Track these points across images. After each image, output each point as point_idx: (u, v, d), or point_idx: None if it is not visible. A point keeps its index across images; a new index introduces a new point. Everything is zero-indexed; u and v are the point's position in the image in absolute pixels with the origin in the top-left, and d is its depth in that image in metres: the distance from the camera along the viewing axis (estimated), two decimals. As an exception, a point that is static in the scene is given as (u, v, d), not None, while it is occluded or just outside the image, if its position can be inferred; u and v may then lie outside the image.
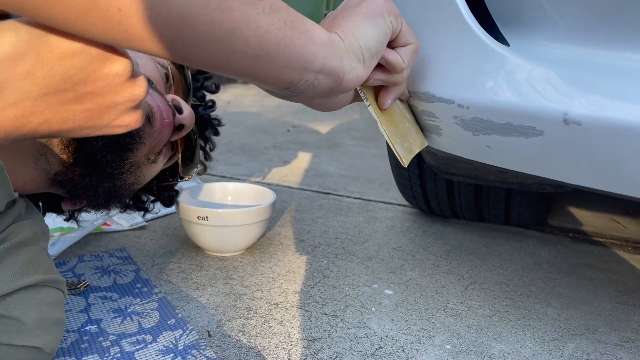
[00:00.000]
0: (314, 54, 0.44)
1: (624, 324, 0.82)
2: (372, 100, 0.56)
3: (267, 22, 0.40)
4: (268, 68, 0.42)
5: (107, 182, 0.66)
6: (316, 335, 0.74)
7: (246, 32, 0.39)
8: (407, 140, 0.62)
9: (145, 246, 1.01)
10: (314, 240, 1.09)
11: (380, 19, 0.49)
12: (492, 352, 0.72)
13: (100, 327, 0.71)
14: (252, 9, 0.39)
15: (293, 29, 0.42)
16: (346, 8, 0.51)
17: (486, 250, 1.09)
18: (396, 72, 0.53)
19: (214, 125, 0.95)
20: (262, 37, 0.40)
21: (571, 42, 0.55)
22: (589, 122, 0.44)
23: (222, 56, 0.40)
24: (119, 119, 0.43)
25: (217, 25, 0.37)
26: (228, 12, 0.37)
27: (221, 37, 0.38)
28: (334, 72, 0.46)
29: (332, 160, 1.88)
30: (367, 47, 0.48)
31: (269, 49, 0.40)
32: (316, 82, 0.46)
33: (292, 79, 0.44)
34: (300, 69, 0.43)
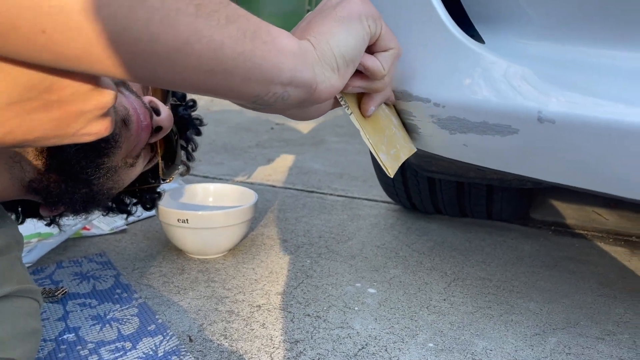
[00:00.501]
0: (280, 65, 0.40)
1: (605, 316, 0.83)
2: (354, 107, 0.53)
3: (222, 35, 0.36)
4: (227, 83, 0.39)
5: (84, 187, 0.64)
6: (299, 337, 0.73)
7: (197, 47, 0.35)
8: (394, 146, 0.58)
9: (126, 250, 1.00)
10: (297, 240, 1.09)
11: (357, 24, 0.46)
12: (475, 349, 0.72)
13: (78, 335, 0.70)
14: (204, 21, 0.35)
15: (255, 40, 0.38)
16: (322, 11, 0.48)
17: (469, 246, 1.09)
18: (376, 78, 0.50)
19: (196, 125, 0.94)
20: (217, 51, 0.36)
21: (547, 39, 0.55)
22: (563, 120, 0.44)
23: (173, 74, 0.36)
24: (87, 128, 0.42)
25: (162, 42, 0.34)
26: (174, 27, 0.34)
27: (168, 55, 0.34)
28: (305, 83, 0.43)
29: (316, 157, 1.88)
30: (342, 54, 0.45)
31: (226, 63, 0.37)
32: (285, 95, 0.43)
33: (257, 92, 0.41)
34: (265, 82, 0.40)
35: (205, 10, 0.35)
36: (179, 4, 0.34)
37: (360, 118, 0.53)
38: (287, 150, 1.99)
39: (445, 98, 0.54)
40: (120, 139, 0.65)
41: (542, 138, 0.46)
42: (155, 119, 0.72)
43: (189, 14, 0.34)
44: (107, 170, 0.65)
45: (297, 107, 0.47)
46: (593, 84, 0.47)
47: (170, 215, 0.92)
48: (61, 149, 0.59)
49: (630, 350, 0.73)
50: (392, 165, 0.57)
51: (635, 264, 1.04)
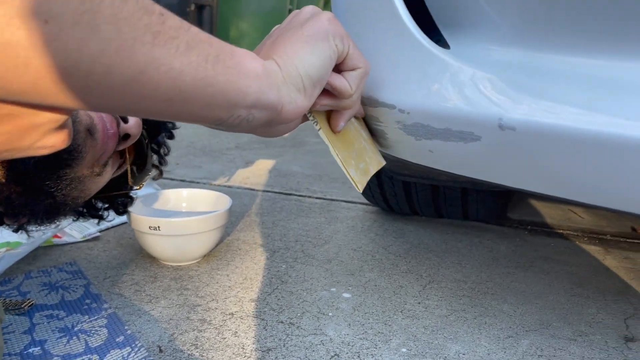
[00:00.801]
0: (244, 89, 0.40)
1: (578, 317, 0.83)
2: (323, 123, 0.52)
3: (181, 63, 0.35)
4: (187, 109, 0.38)
5: (47, 199, 0.63)
6: (271, 345, 0.72)
7: (155, 76, 0.34)
8: (364, 160, 0.58)
9: (98, 258, 0.98)
10: (274, 245, 1.08)
11: (323, 43, 0.45)
12: (448, 353, 0.72)
13: (44, 349, 0.68)
14: (162, 49, 0.34)
15: (217, 65, 0.37)
16: (288, 29, 0.47)
17: (445, 247, 1.09)
18: (344, 97, 0.49)
19: (168, 129, 0.93)
20: (176, 79, 0.35)
21: (511, 45, 0.55)
22: (523, 127, 0.44)
23: (130, 104, 0.35)
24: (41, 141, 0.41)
25: (117, 74, 0.32)
26: (130, 58, 0.32)
27: (124, 86, 0.33)
28: (270, 105, 0.42)
29: (296, 159, 1.87)
30: (308, 75, 0.44)
31: (186, 91, 0.36)
32: (250, 117, 0.42)
33: (220, 116, 0.40)
34: (227, 106, 0.39)
35: (163, 38, 0.34)
36: (135, 33, 0.33)
37: (329, 133, 0.53)
38: (266, 152, 1.98)
39: (410, 104, 0.53)
40: (85, 149, 0.64)
41: (504, 145, 0.46)
42: (122, 126, 0.71)
43: (146, 42, 0.33)
44: (71, 180, 0.63)
45: (262, 127, 0.46)
46: (555, 91, 0.46)
47: (142, 222, 0.91)
48: (20, 160, 0.57)
49: (601, 351, 0.74)
50: (360, 179, 0.56)
51: (609, 262, 1.05)
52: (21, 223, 0.69)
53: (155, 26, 0.33)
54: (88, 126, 0.64)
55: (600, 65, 0.48)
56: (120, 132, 0.70)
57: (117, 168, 0.78)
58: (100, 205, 0.86)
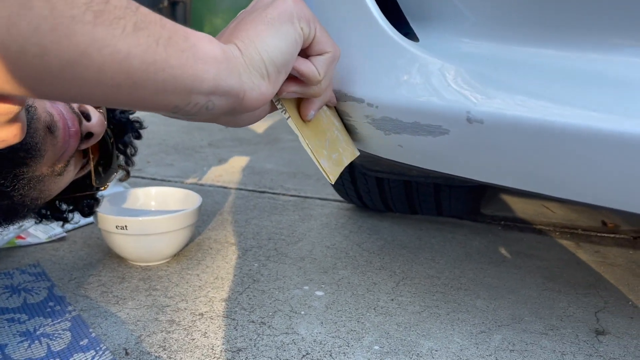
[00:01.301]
0: (201, 74, 0.37)
1: (549, 311, 0.84)
2: (292, 111, 0.50)
3: (128, 44, 0.33)
4: (138, 95, 0.35)
5: (3, 199, 0.60)
6: (241, 346, 0.71)
7: (98, 59, 0.32)
8: (337, 150, 0.56)
9: (63, 259, 0.95)
10: (246, 243, 1.06)
11: (288, 26, 0.43)
12: (421, 350, 0.72)
13: (4, 353, 0.65)
14: (106, 30, 0.32)
15: (169, 48, 0.35)
16: (252, 11, 0.45)
17: (419, 244, 1.09)
18: (312, 84, 0.48)
19: (135, 129, 0.90)
20: (122, 62, 0.33)
21: (480, 37, 0.54)
22: (491, 120, 0.43)
23: (73, 89, 0.33)
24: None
25: (53, 55, 0.30)
26: (67, 37, 0.30)
27: (62, 69, 0.31)
28: (231, 91, 0.40)
29: (270, 156, 1.85)
30: (272, 60, 0.42)
31: (134, 76, 0.34)
32: (210, 105, 0.40)
33: (175, 103, 0.38)
34: (183, 92, 0.37)
35: (107, 17, 0.32)
36: (73, 11, 0.30)
37: (299, 122, 0.51)
38: (240, 149, 1.96)
39: (378, 98, 0.52)
40: (44, 147, 0.61)
41: (472, 138, 0.46)
42: (85, 124, 0.68)
43: (86, 22, 0.31)
44: (29, 180, 0.61)
45: (225, 115, 0.44)
46: (522, 84, 0.46)
47: (109, 221, 0.88)
48: None
49: (572, 345, 0.74)
50: (333, 170, 0.54)
51: (580, 256, 1.06)
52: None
53: (97, 5, 0.31)
54: (48, 124, 0.62)
55: (568, 58, 0.48)
56: (82, 130, 0.68)
57: (81, 168, 0.75)
58: (65, 207, 0.83)
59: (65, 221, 0.84)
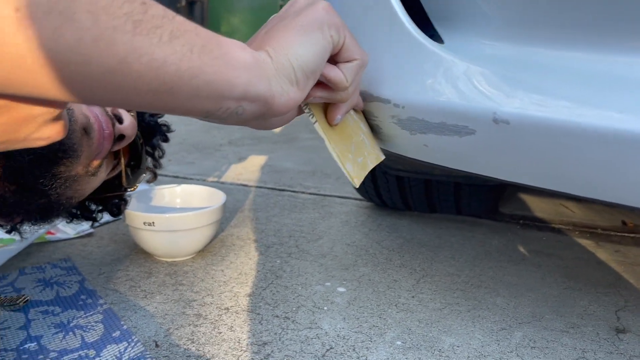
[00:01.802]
0: (232, 80, 0.39)
1: (570, 309, 0.84)
2: (319, 116, 0.51)
3: (164, 52, 0.34)
4: (173, 101, 0.37)
5: (41, 198, 0.63)
6: (266, 339, 0.73)
7: (136, 66, 0.33)
8: (362, 154, 0.56)
9: (92, 254, 0.98)
10: (268, 240, 1.08)
11: (318, 34, 0.44)
12: (442, 345, 0.73)
13: (40, 345, 0.68)
14: (144, 39, 0.33)
15: (203, 55, 0.36)
16: (283, 18, 0.46)
17: (438, 242, 1.10)
18: (339, 90, 0.48)
19: (163, 132, 0.92)
20: (158, 70, 0.34)
21: (505, 40, 0.56)
22: (517, 120, 0.45)
23: (112, 95, 0.34)
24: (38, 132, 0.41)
25: (95, 64, 0.32)
26: (109, 47, 0.32)
27: (102, 76, 0.33)
28: (261, 97, 0.41)
29: (289, 155, 1.87)
30: (301, 66, 0.43)
31: (170, 82, 0.35)
32: (240, 110, 0.41)
33: (208, 108, 0.39)
34: (215, 98, 0.39)
35: (145, 27, 0.33)
36: (114, 22, 0.32)
37: (325, 126, 0.51)
38: (259, 148, 1.98)
39: (405, 99, 0.54)
40: (80, 147, 0.64)
41: (498, 139, 0.47)
42: (117, 127, 0.71)
43: (126, 31, 0.32)
44: (65, 179, 0.63)
45: (255, 120, 0.45)
46: (548, 85, 0.47)
47: (137, 218, 0.90)
48: (15, 158, 0.57)
49: (593, 343, 0.75)
50: (358, 174, 0.55)
51: (601, 255, 1.07)
52: (15, 222, 0.69)
53: (136, 15, 0.33)
54: (84, 125, 0.64)
55: (592, 60, 0.49)
56: (115, 132, 0.70)
57: (112, 169, 0.77)
58: (94, 208, 0.86)
59: (95, 221, 0.86)
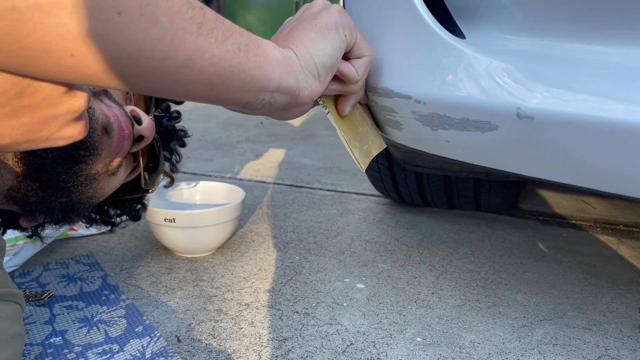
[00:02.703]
0: (269, 74, 0.44)
1: (592, 306, 0.83)
2: (331, 107, 0.57)
3: (220, 50, 0.40)
4: (223, 93, 0.42)
5: (63, 196, 0.64)
6: (287, 335, 0.73)
7: (200, 62, 0.38)
8: (367, 142, 0.63)
9: (114, 250, 1.00)
10: (286, 236, 1.08)
11: (334, 34, 0.50)
12: (463, 342, 0.73)
13: (65, 339, 0.69)
14: (205, 39, 0.38)
15: (247, 53, 0.42)
16: (301, 21, 0.52)
17: (458, 238, 1.09)
18: (351, 83, 0.54)
19: (180, 137, 0.93)
20: (216, 65, 0.40)
21: (527, 34, 0.55)
22: (542, 116, 0.44)
23: (177, 87, 0.39)
24: (60, 132, 0.42)
25: (170, 60, 0.37)
26: (181, 45, 0.37)
27: (174, 70, 0.38)
28: (290, 90, 0.47)
29: (306, 152, 1.87)
30: (322, 63, 0.49)
31: (223, 76, 0.40)
32: (273, 101, 0.46)
33: (248, 99, 0.44)
34: (255, 90, 0.44)
35: (205, 28, 0.38)
36: (184, 24, 0.37)
37: (336, 117, 0.58)
38: (276, 145, 1.98)
39: (426, 94, 0.54)
40: (100, 146, 0.64)
41: (522, 134, 0.46)
42: (136, 128, 0.71)
43: (192, 32, 0.37)
44: (86, 177, 0.64)
45: (281, 110, 0.51)
46: (572, 80, 0.46)
47: (157, 214, 0.91)
48: (38, 155, 0.58)
49: (616, 340, 0.74)
50: (364, 160, 0.61)
51: (623, 252, 1.05)
52: (38, 222, 0.70)
53: (198, 18, 0.38)
54: (104, 124, 0.65)
55: (616, 54, 0.48)
56: (134, 133, 0.71)
57: (131, 171, 0.78)
58: (113, 212, 0.87)
59: (113, 225, 0.87)
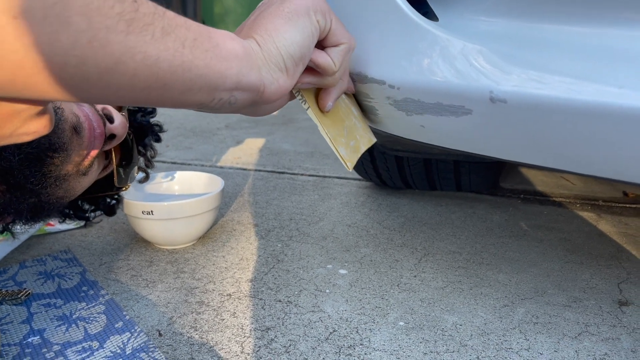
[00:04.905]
0: (224, 72, 0.39)
1: (572, 283, 0.84)
2: (311, 101, 0.52)
3: (157, 49, 0.34)
4: (167, 96, 0.37)
5: (31, 197, 0.62)
6: (270, 324, 0.73)
7: (132, 65, 0.34)
8: (354, 137, 0.57)
9: (92, 245, 0.98)
10: (268, 224, 1.08)
11: (305, 19, 0.45)
12: (445, 325, 0.73)
13: (43, 338, 0.68)
14: (138, 37, 0.33)
15: (194, 49, 0.37)
16: (270, 5, 0.46)
17: (439, 220, 1.10)
18: (328, 74, 0.49)
19: (155, 132, 0.91)
20: (152, 67, 0.35)
21: (501, 15, 0.54)
22: (515, 99, 0.44)
23: (109, 94, 0.35)
24: (23, 127, 0.40)
25: (91, 65, 0.32)
26: (103, 47, 0.32)
27: (100, 76, 0.33)
28: (252, 86, 0.42)
29: (287, 137, 1.86)
30: (290, 54, 0.44)
31: (163, 78, 0.36)
32: (232, 99, 0.42)
33: (201, 100, 0.40)
34: (208, 90, 0.39)
35: (137, 25, 0.33)
36: (107, 22, 0.32)
37: (317, 112, 0.52)
38: (256, 130, 1.97)
39: (400, 79, 0.53)
40: (70, 146, 0.63)
41: (495, 118, 0.46)
42: (108, 126, 0.70)
43: (120, 31, 0.32)
44: (56, 178, 0.63)
45: (247, 108, 0.46)
46: (546, 61, 0.46)
47: (135, 207, 0.90)
48: (5, 158, 0.57)
49: (596, 316, 0.75)
50: (351, 157, 0.56)
51: (602, 227, 1.06)
52: (6, 222, 0.69)
53: (128, 14, 0.33)
54: (74, 124, 0.64)
55: (591, 34, 0.48)
56: (106, 132, 0.70)
57: (103, 169, 0.77)
58: (87, 207, 0.85)
59: (87, 220, 0.86)
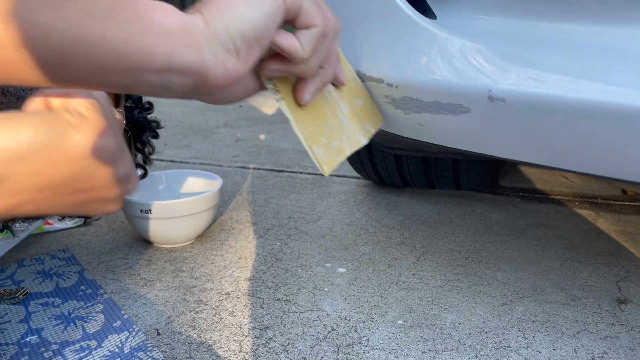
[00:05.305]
0: (149, 49, 0.33)
1: (570, 281, 0.84)
2: (287, 93, 0.44)
3: (48, 18, 0.29)
4: (72, 75, 0.32)
5: None
6: (268, 323, 0.73)
7: (6, 35, 0.29)
8: (339, 137, 0.49)
9: (91, 244, 0.98)
10: (267, 222, 1.08)
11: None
12: (444, 323, 0.73)
13: (41, 337, 0.68)
14: (21, 2, 0.28)
15: (107, 21, 0.31)
16: None
17: (438, 218, 1.10)
18: (296, 61, 0.41)
19: (153, 128, 0.91)
20: (48, 39, 0.29)
21: (499, 13, 0.54)
22: (513, 98, 0.44)
23: (9, 74, 0.31)
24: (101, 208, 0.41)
25: None
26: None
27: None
28: (190, 68, 0.35)
29: (286, 135, 1.85)
30: (240, 32, 0.36)
31: (60, 52, 0.30)
32: (166, 83, 0.35)
33: (121, 82, 0.34)
34: (127, 70, 0.33)
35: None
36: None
37: (293, 105, 0.45)
38: (255, 129, 1.96)
39: (398, 78, 0.53)
40: None
41: (494, 117, 0.46)
42: None
43: None
44: None
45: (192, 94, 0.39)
46: (544, 60, 0.46)
47: (133, 206, 0.90)
48: None
49: (594, 315, 0.75)
50: (329, 160, 0.47)
51: (601, 225, 1.06)
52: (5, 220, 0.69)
53: None
54: None
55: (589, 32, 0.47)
56: None
57: None
58: None
59: (87, 218, 0.86)
